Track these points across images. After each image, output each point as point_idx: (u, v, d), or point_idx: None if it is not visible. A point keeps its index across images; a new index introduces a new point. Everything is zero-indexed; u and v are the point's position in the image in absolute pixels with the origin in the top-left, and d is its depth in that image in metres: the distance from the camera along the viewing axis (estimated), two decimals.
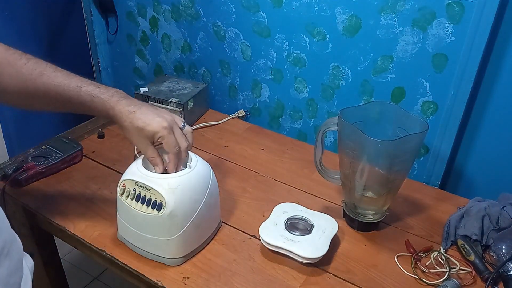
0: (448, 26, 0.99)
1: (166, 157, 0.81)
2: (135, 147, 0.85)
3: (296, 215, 0.90)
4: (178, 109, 1.24)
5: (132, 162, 0.84)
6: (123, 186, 0.80)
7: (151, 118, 0.76)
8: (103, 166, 1.10)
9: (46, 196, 0.99)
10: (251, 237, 0.90)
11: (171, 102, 1.25)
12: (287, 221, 0.88)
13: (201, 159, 0.85)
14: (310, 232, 0.85)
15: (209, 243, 0.88)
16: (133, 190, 0.79)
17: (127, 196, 0.80)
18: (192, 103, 1.28)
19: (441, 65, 1.03)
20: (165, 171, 0.81)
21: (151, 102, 1.27)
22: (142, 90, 1.30)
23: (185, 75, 1.51)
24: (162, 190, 0.76)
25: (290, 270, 0.83)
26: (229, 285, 0.79)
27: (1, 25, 1.63)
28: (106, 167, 1.10)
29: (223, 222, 0.93)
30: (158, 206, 0.77)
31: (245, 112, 1.37)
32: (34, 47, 1.75)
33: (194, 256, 0.84)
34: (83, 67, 1.84)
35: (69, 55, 1.85)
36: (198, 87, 1.34)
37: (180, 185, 0.78)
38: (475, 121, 1.06)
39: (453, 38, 0.99)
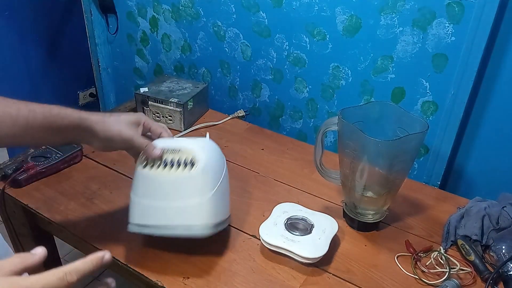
0: (448, 26, 0.99)
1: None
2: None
3: (296, 215, 0.90)
4: (178, 109, 1.24)
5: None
6: (145, 158, 0.79)
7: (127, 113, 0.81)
8: (103, 166, 1.10)
9: (46, 196, 0.99)
10: (251, 237, 0.90)
11: (171, 102, 1.25)
12: (287, 221, 0.88)
13: None
14: (310, 232, 0.85)
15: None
16: (159, 159, 0.78)
17: (152, 167, 0.78)
18: (192, 103, 1.28)
19: (441, 65, 1.03)
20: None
21: (151, 102, 1.27)
22: (142, 90, 1.30)
23: (185, 75, 1.51)
24: (192, 148, 0.78)
25: (290, 270, 0.83)
26: (229, 285, 0.79)
27: (1, 25, 1.63)
28: (106, 167, 1.10)
29: None
30: (191, 163, 0.76)
31: (244, 111, 1.37)
32: (34, 47, 1.75)
33: (222, 228, 0.81)
34: (83, 67, 1.84)
35: (69, 55, 1.86)
36: (198, 87, 1.34)
37: (206, 145, 0.81)
38: (475, 121, 1.06)
39: (453, 38, 0.99)
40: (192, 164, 0.76)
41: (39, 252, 0.45)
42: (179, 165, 0.77)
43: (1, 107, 0.68)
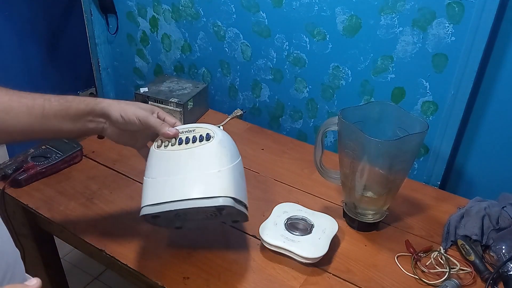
0: (448, 26, 0.99)
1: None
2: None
3: (296, 215, 0.90)
4: (178, 109, 1.24)
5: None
6: (160, 139, 0.78)
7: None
8: (103, 166, 1.10)
9: (46, 196, 0.99)
10: (251, 237, 0.90)
11: (171, 102, 1.25)
12: (287, 221, 0.88)
13: None
14: (310, 232, 0.86)
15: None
16: (174, 139, 0.78)
17: (166, 146, 0.77)
18: (192, 103, 1.28)
19: (441, 65, 1.03)
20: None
21: (151, 102, 1.27)
22: (142, 90, 1.30)
23: (185, 75, 1.51)
24: (207, 126, 0.78)
25: (290, 270, 0.83)
26: (229, 285, 0.79)
27: (1, 25, 1.63)
28: (106, 167, 1.10)
29: (222, 222, 0.93)
30: (207, 137, 0.76)
31: (241, 110, 1.37)
32: (34, 47, 1.75)
33: (244, 204, 0.76)
34: (83, 67, 1.84)
35: (69, 55, 1.86)
36: (198, 87, 1.34)
37: (221, 131, 0.79)
38: (475, 121, 1.06)
39: (453, 38, 0.99)
40: (208, 139, 0.76)
41: (33, 284, 0.46)
42: (194, 141, 0.76)
43: (16, 98, 0.71)
